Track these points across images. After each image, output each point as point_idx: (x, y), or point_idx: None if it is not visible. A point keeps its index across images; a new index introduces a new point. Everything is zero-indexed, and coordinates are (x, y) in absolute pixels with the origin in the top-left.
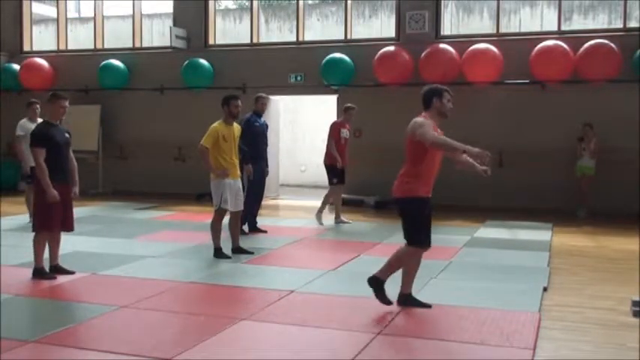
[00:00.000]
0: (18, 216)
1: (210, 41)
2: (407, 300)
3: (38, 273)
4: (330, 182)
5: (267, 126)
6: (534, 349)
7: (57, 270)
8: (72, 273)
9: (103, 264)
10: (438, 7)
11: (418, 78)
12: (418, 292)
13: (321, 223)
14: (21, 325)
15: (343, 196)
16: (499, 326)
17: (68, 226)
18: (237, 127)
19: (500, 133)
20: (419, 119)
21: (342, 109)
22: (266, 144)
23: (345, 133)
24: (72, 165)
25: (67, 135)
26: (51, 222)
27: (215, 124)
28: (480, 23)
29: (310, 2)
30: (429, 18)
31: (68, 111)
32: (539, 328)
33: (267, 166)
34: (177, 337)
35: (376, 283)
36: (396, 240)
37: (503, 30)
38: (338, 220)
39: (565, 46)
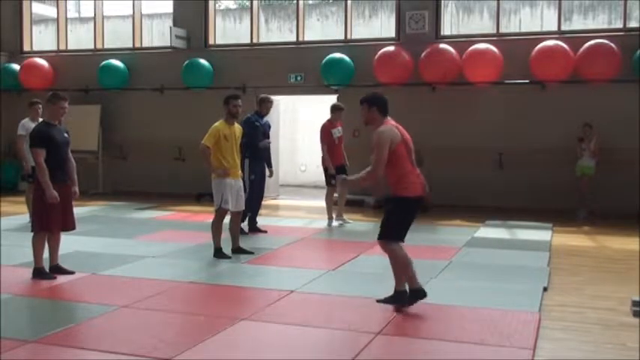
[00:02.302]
0: (18, 216)
1: (210, 41)
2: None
3: (38, 273)
4: (328, 184)
5: (269, 126)
6: (534, 349)
7: (57, 270)
8: (72, 273)
9: (103, 264)
10: (438, 7)
11: (418, 78)
12: None
13: (346, 222)
14: (21, 325)
15: None
16: (499, 326)
17: (70, 226)
18: (238, 127)
19: (500, 133)
20: None
21: (330, 109)
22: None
23: (337, 132)
24: (71, 165)
25: (66, 135)
26: (50, 222)
27: (216, 124)
28: (480, 23)
29: (310, 2)
30: (429, 18)
31: (68, 111)
32: (539, 328)
33: (270, 166)
34: (177, 337)
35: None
36: None
37: (503, 30)
38: (339, 220)
39: (565, 46)
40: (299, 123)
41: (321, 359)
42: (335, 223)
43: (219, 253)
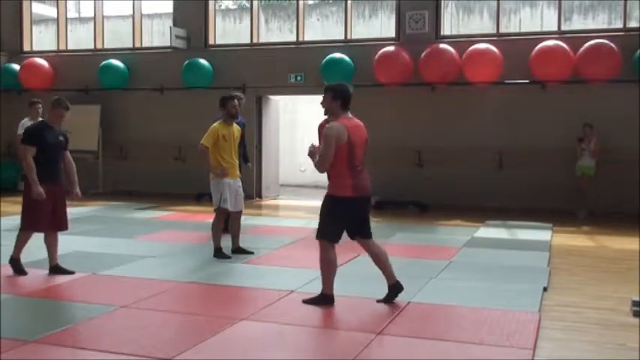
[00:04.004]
0: (18, 216)
1: (210, 41)
2: None
3: (14, 264)
4: None
5: (243, 124)
6: (534, 349)
7: (57, 270)
8: (72, 273)
9: (103, 264)
10: (438, 7)
11: (418, 78)
12: (418, 292)
13: None
14: (21, 325)
15: None
16: (499, 326)
17: (62, 226)
18: (237, 127)
19: (500, 133)
20: None
21: None
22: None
23: None
24: (69, 166)
25: (61, 138)
26: (39, 222)
27: (215, 124)
28: (480, 23)
29: (310, 2)
30: (429, 18)
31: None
32: (539, 328)
33: (246, 162)
34: (177, 337)
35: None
36: (396, 240)
37: (503, 30)
38: None
39: (565, 46)
40: (299, 123)
41: (321, 359)
42: None
43: (219, 253)
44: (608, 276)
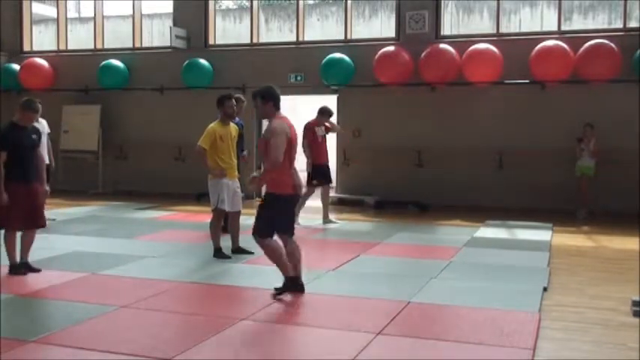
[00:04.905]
0: None
1: (210, 41)
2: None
3: (13, 269)
4: (308, 183)
5: (241, 125)
6: (534, 349)
7: (25, 267)
8: (38, 271)
9: (103, 264)
10: (438, 7)
11: (418, 78)
12: (418, 292)
13: (333, 222)
14: (21, 325)
15: (343, 195)
16: (499, 326)
17: (39, 224)
18: (234, 127)
19: (500, 133)
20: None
21: (319, 111)
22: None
23: (320, 131)
24: (41, 163)
25: (34, 136)
26: (12, 221)
27: (212, 125)
28: (480, 23)
29: (310, 2)
30: (429, 18)
31: (69, 111)
32: (539, 328)
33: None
34: (177, 337)
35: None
36: (396, 240)
37: (503, 30)
38: (326, 221)
39: (565, 46)
40: (299, 123)
41: (321, 359)
42: (322, 225)
43: (219, 253)
44: (608, 276)
